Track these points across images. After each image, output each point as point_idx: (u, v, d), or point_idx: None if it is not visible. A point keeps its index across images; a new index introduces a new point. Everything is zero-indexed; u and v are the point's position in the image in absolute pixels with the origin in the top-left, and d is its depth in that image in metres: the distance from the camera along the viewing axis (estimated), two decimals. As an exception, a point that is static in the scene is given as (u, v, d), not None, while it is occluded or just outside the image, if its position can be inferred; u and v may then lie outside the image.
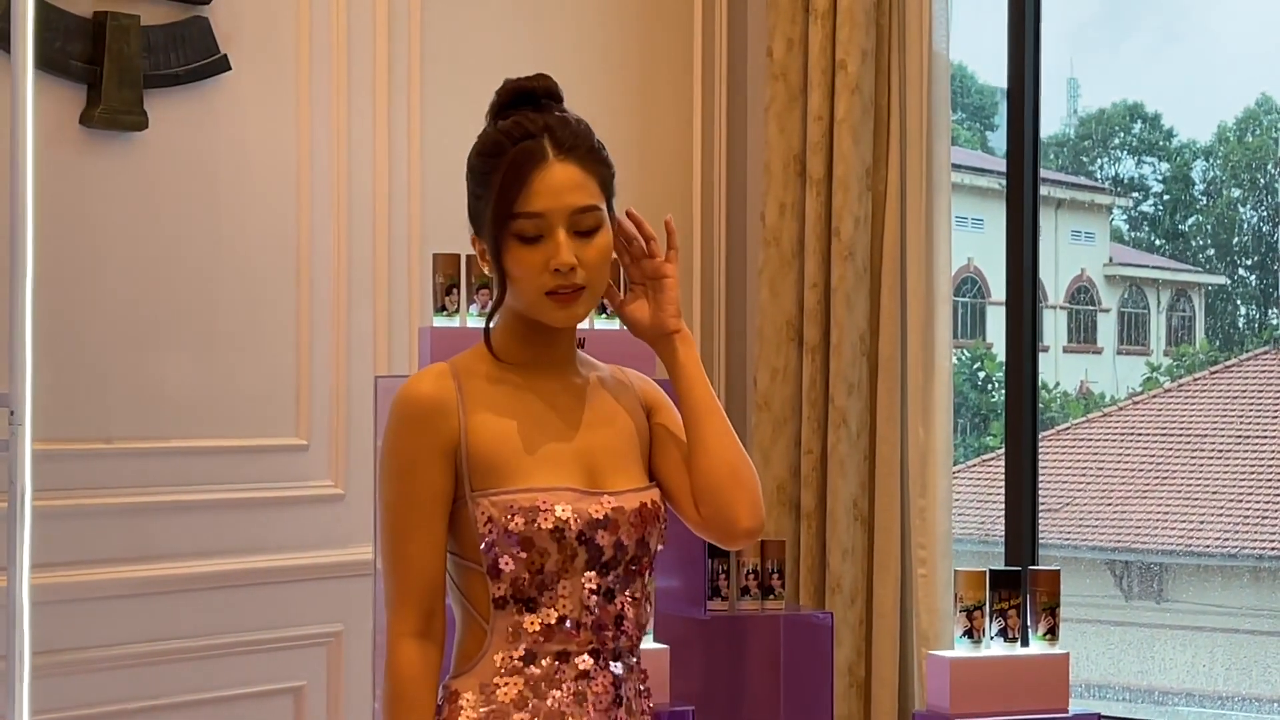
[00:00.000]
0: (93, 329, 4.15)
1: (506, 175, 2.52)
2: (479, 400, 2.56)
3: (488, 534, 2.52)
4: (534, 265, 2.53)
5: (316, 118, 4.58)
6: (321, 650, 4.57)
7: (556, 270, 2.52)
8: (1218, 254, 6.71)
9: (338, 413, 4.62)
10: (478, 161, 2.58)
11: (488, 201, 2.54)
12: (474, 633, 2.57)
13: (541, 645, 2.53)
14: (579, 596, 2.54)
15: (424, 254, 4.66)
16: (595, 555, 2.55)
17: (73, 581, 4.04)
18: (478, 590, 2.56)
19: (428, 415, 2.54)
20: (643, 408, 2.72)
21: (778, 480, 5.46)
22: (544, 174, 2.53)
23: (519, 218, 2.52)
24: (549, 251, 2.52)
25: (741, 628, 4.88)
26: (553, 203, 2.53)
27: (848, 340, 5.35)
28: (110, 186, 4.17)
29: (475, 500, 2.53)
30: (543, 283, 2.53)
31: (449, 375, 2.57)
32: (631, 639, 2.61)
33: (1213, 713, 6.12)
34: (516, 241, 2.53)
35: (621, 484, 2.61)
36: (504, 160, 2.53)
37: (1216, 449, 6.62)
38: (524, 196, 2.52)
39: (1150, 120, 6.81)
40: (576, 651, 2.54)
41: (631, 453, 2.65)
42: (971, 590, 4.44)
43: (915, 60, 5.38)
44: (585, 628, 2.55)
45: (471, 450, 2.54)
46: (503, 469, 2.54)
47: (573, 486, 2.55)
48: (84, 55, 4.08)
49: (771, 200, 5.51)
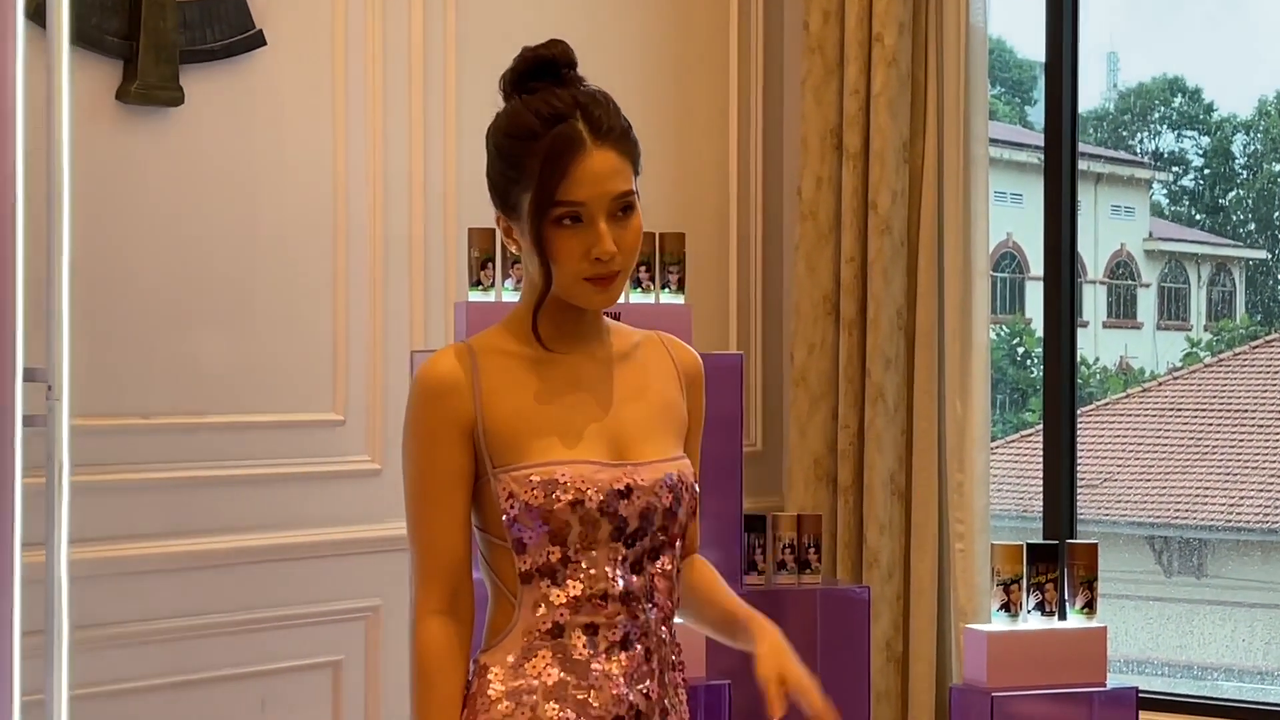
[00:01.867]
0: (129, 304, 4.16)
1: (546, 163, 2.48)
2: (497, 377, 2.56)
3: (509, 509, 2.52)
4: (573, 252, 2.50)
5: (352, 92, 4.58)
6: (359, 625, 4.58)
7: (597, 259, 2.51)
8: (1258, 228, 6.67)
9: (374, 388, 4.63)
10: (507, 143, 2.54)
11: (522, 186, 2.52)
12: (503, 607, 2.57)
13: (569, 618, 2.53)
14: (605, 569, 2.53)
15: (460, 229, 4.66)
16: (620, 527, 2.54)
17: (110, 557, 4.06)
18: (505, 566, 2.56)
19: (442, 395, 2.54)
20: (680, 378, 2.71)
21: (814, 455, 5.45)
22: (583, 162, 2.49)
23: (559, 205, 2.50)
24: (589, 239, 2.50)
25: (778, 602, 4.87)
26: (593, 190, 2.50)
27: (885, 315, 5.34)
28: (146, 162, 4.18)
29: (496, 477, 2.53)
30: (581, 269, 2.51)
31: (466, 354, 2.57)
32: (663, 610, 2.59)
33: (1252, 687, 6.10)
34: (554, 227, 2.51)
35: (647, 454, 2.59)
36: (540, 146, 2.49)
37: (1257, 424, 6.59)
38: (565, 185, 2.48)
39: (1190, 94, 6.77)
40: (605, 624, 2.53)
41: (661, 423, 2.64)
42: (1009, 564, 4.44)
43: (953, 33, 5.35)
44: (614, 599, 2.53)
45: (488, 428, 2.53)
46: (522, 444, 2.53)
47: (593, 459, 2.54)
48: (120, 31, 4.08)
49: (808, 174, 5.50)
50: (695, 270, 4.86)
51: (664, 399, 2.66)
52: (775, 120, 5.76)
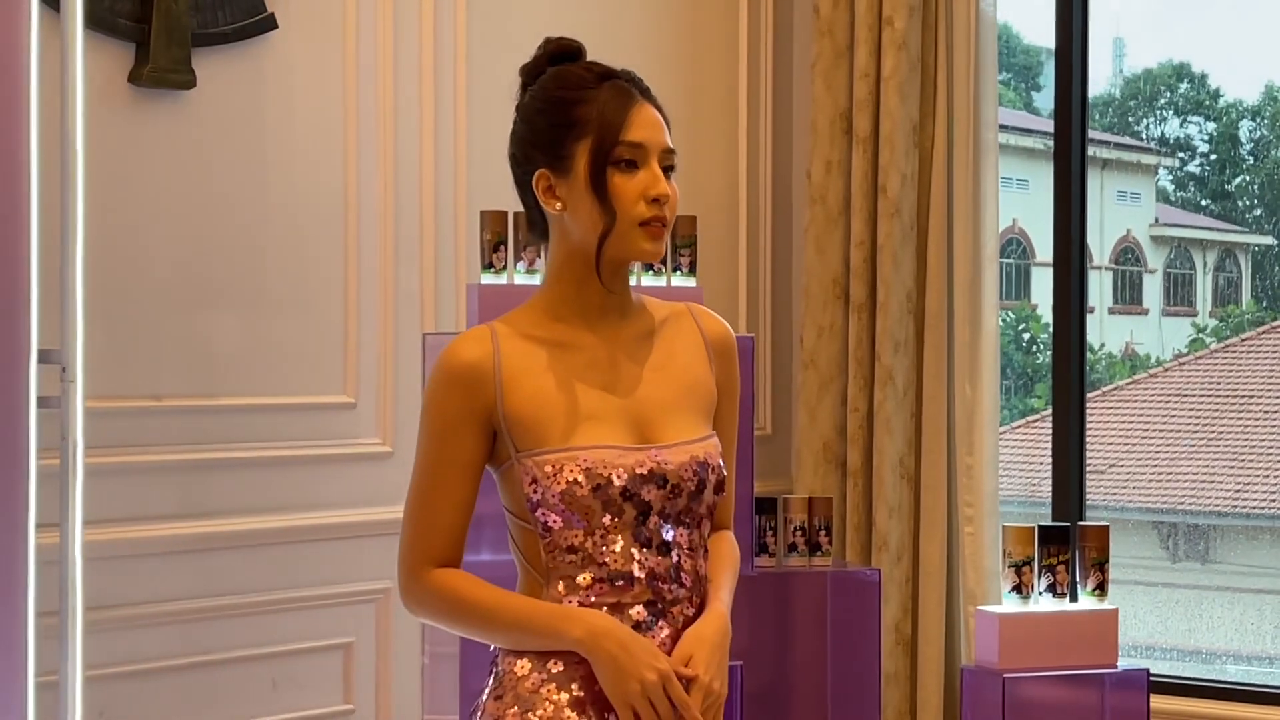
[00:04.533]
0: (142, 287, 4.16)
1: (608, 105, 2.56)
2: (520, 362, 2.58)
3: (533, 494, 2.54)
4: (631, 194, 2.55)
5: (363, 74, 4.59)
6: (370, 607, 4.59)
7: (655, 200, 2.55)
8: (1265, 214, 6.68)
9: (385, 370, 4.63)
10: (559, 93, 2.59)
11: (576, 133, 2.56)
12: (531, 589, 2.60)
13: (595, 600, 2.54)
14: (630, 550, 2.55)
15: (471, 211, 4.66)
16: (644, 509, 2.55)
17: (123, 538, 4.06)
18: (532, 547, 2.58)
19: (463, 383, 2.57)
20: (710, 353, 2.72)
21: (824, 438, 5.46)
22: (640, 109, 2.58)
23: (622, 145, 2.55)
24: (646, 181, 2.56)
25: (789, 584, 4.88)
26: (650, 135, 2.58)
27: (894, 298, 5.35)
28: (159, 145, 4.18)
29: (520, 461, 2.56)
30: (639, 212, 2.56)
31: (489, 339, 2.59)
32: (690, 590, 2.60)
33: (1260, 671, 6.11)
34: (612, 169, 2.55)
35: (672, 436, 2.60)
36: (598, 94, 2.57)
37: (1263, 409, 6.60)
38: (626, 125, 2.56)
39: (1197, 80, 6.78)
40: (631, 604, 2.55)
41: (688, 402, 2.65)
42: (1020, 546, 4.44)
43: (962, 18, 5.36)
44: (640, 581, 2.55)
45: (510, 414, 2.56)
46: (545, 429, 2.55)
47: (616, 443, 2.56)
48: (132, 14, 4.08)
49: (818, 158, 5.50)
50: (706, 253, 4.87)
51: (691, 376, 2.67)
52: (785, 104, 5.76)
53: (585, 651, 2.51)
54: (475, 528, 2.66)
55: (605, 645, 2.50)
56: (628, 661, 2.49)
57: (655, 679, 2.48)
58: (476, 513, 2.63)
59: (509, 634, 2.57)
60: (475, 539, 2.97)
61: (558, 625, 2.52)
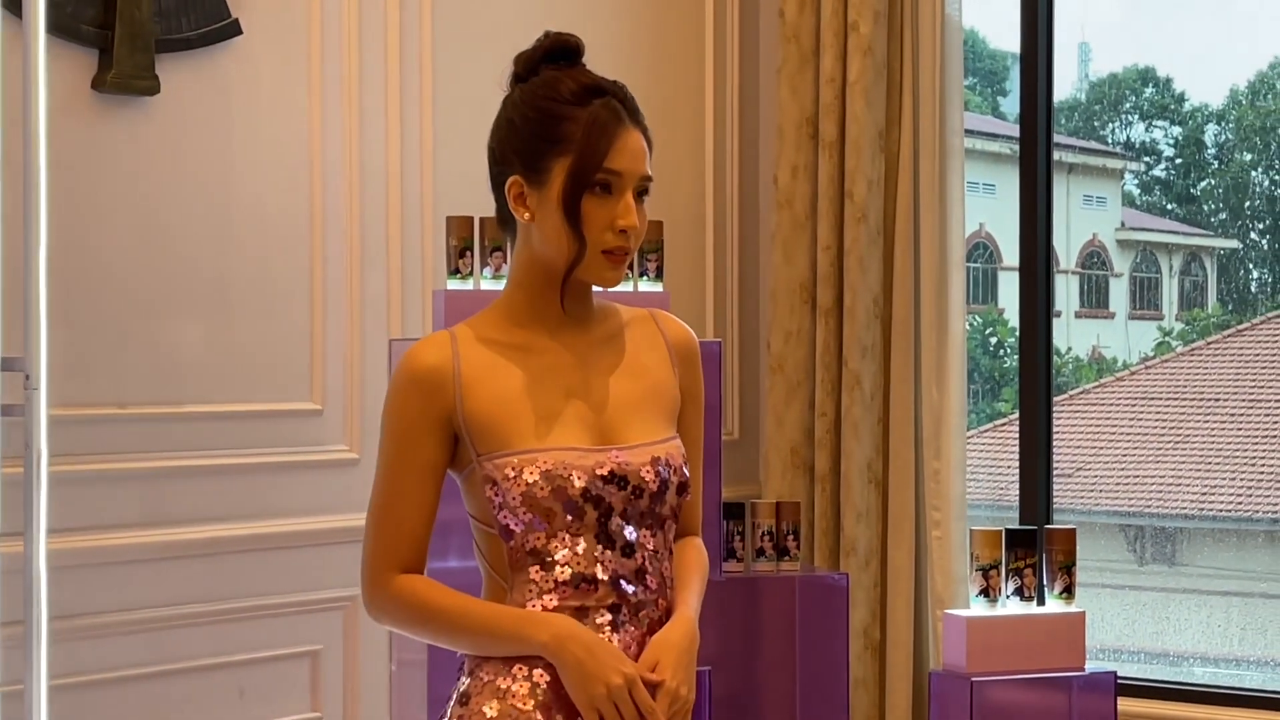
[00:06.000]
0: (106, 294, 4.14)
1: (593, 129, 2.54)
2: (480, 366, 2.58)
3: (494, 497, 2.54)
4: (601, 221, 2.55)
5: (328, 80, 4.57)
6: (338, 615, 4.57)
7: (622, 231, 2.55)
8: (1229, 218, 6.70)
9: (352, 377, 4.62)
10: (546, 104, 2.57)
11: (558, 150, 2.55)
12: (495, 594, 2.60)
13: (559, 603, 2.54)
14: (593, 553, 2.54)
15: (437, 217, 4.65)
16: (606, 511, 2.55)
17: (88, 546, 4.04)
18: (495, 551, 2.58)
19: (422, 387, 2.57)
20: (673, 358, 2.71)
21: (791, 443, 5.46)
22: (625, 136, 2.57)
23: (602, 172, 2.54)
24: (615, 211, 2.55)
25: (757, 589, 4.88)
26: (630, 164, 2.57)
27: (861, 303, 5.35)
28: (122, 151, 4.17)
29: (480, 464, 2.55)
30: (604, 239, 2.55)
31: (448, 343, 2.59)
32: (656, 593, 2.60)
33: (1227, 673, 6.13)
34: (587, 193, 2.54)
35: (634, 437, 2.60)
36: (585, 113, 2.55)
37: (1229, 413, 6.62)
38: (611, 153, 2.55)
39: (1162, 84, 6.80)
40: (595, 607, 2.54)
41: (650, 404, 2.65)
42: (987, 549, 4.44)
43: (928, 23, 5.36)
44: (604, 584, 2.54)
45: (469, 417, 2.55)
46: (505, 432, 2.55)
47: (576, 445, 2.56)
48: (95, 20, 4.07)
49: (784, 163, 5.50)
50: (672, 258, 4.87)
51: (653, 379, 2.67)
52: (751, 109, 5.76)
53: (550, 656, 2.50)
54: (442, 535, 2.66)
55: (571, 649, 2.49)
56: (593, 665, 2.48)
57: (621, 683, 2.48)
58: (443, 519, 2.62)
59: (473, 640, 2.56)
60: (442, 547, 2.97)
61: (523, 630, 2.51)
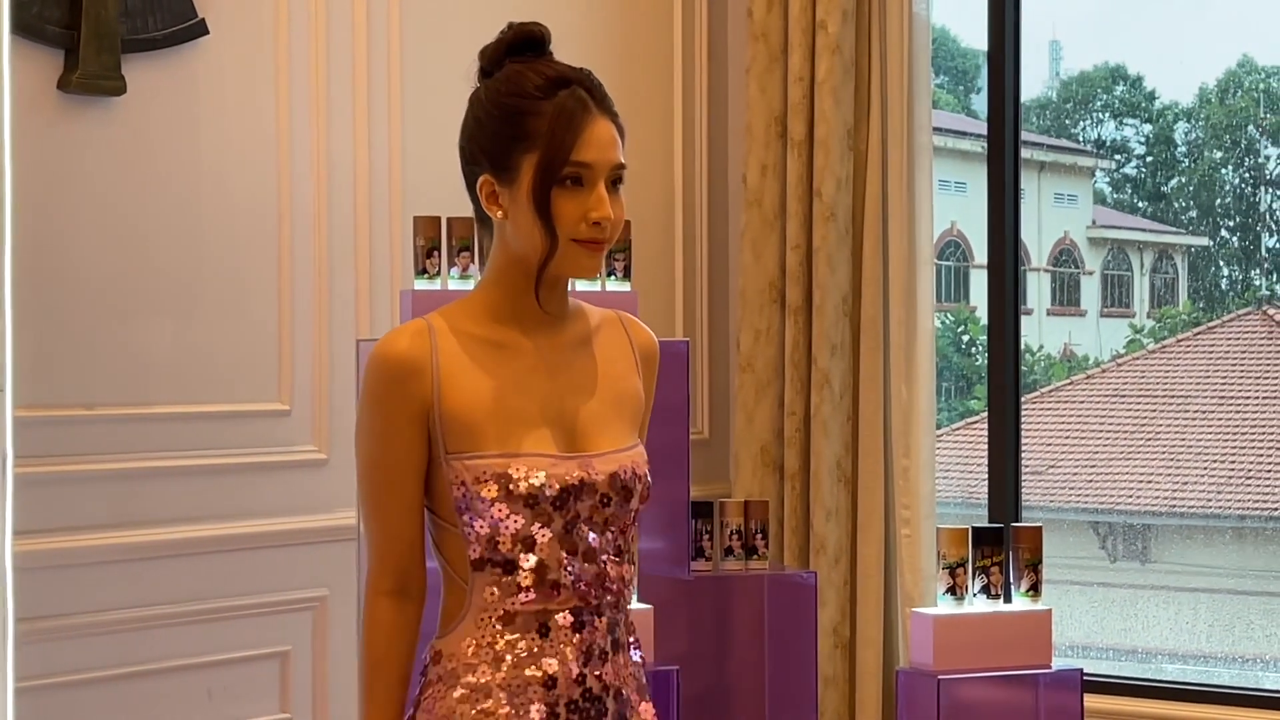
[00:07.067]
0: (72, 295, 4.13)
1: (558, 122, 2.50)
2: (457, 360, 2.54)
3: (461, 497, 2.52)
4: (572, 214, 2.51)
5: (296, 80, 4.57)
6: (307, 615, 4.57)
7: (596, 223, 2.52)
8: (1200, 215, 6.71)
9: (320, 377, 4.61)
10: (511, 101, 2.53)
11: (524, 145, 2.52)
12: (455, 594, 2.57)
13: (521, 606, 2.52)
14: (558, 558, 2.53)
15: (404, 217, 4.65)
16: (572, 518, 2.54)
17: (55, 548, 4.03)
18: (457, 552, 2.55)
19: (400, 377, 2.53)
20: (638, 364, 2.71)
21: (761, 442, 5.47)
22: (592, 126, 2.53)
23: (570, 165, 2.51)
24: (588, 203, 2.52)
25: (725, 588, 4.88)
26: (599, 155, 2.53)
27: (830, 301, 5.36)
28: (89, 152, 4.16)
29: (449, 463, 2.53)
30: (577, 231, 2.51)
31: (425, 334, 2.55)
32: (617, 595, 2.60)
33: (1196, 670, 6.14)
34: (557, 187, 2.51)
35: (603, 445, 2.59)
36: (549, 106, 2.51)
37: (1200, 410, 6.63)
38: (578, 145, 2.51)
39: (1132, 82, 6.81)
40: (557, 610, 2.53)
41: (618, 411, 2.64)
42: (954, 547, 4.45)
43: (895, 21, 5.37)
44: (565, 589, 2.53)
45: (445, 412, 2.52)
46: (477, 432, 2.52)
47: (547, 451, 2.54)
48: (61, 20, 4.05)
49: (753, 161, 5.51)
50: (641, 257, 4.87)
51: (622, 386, 2.67)
52: (720, 107, 5.77)
53: None
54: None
55: None
56: None
57: None
58: None
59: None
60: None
61: None
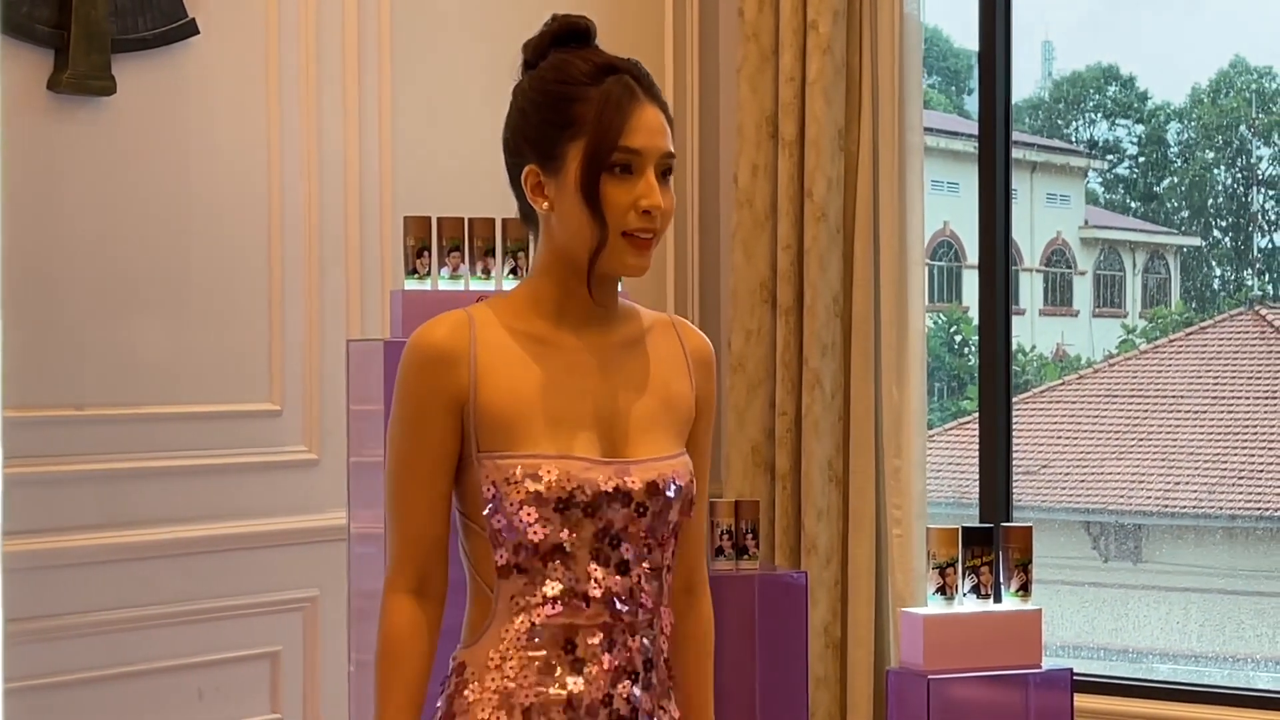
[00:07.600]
0: (63, 295, 4.13)
1: (606, 108, 2.41)
2: (497, 354, 2.45)
3: (490, 498, 2.42)
4: (621, 202, 2.42)
5: (286, 80, 4.57)
6: (297, 616, 4.57)
7: (645, 211, 2.42)
8: (1192, 216, 6.72)
9: (311, 378, 4.61)
10: (557, 89, 2.45)
11: (571, 133, 2.43)
12: (481, 602, 2.47)
13: (547, 619, 2.42)
14: (587, 568, 2.42)
15: (395, 217, 4.65)
16: (606, 526, 2.43)
17: (46, 549, 4.03)
18: (483, 556, 2.45)
19: (436, 364, 2.43)
20: (690, 368, 2.60)
21: (752, 442, 5.47)
22: (641, 112, 2.44)
23: (619, 151, 2.41)
24: (638, 190, 2.42)
25: (716, 588, 4.80)
26: (649, 141, 2.43)
27: (821, 302, 5.36)
28: (79, 152, 4.16)
29: (480, 462, 2.43)
30: (627, 221, 2.42)
31: (466, 325, 2.45)
32: (649, 612, 2.47)
33: (1187, 669, 6.15)
34: (606, 175, 2.41)
35: (643, 452, 2.48)
36: (597, 92, 2.42)
37: (1192, 410, 6.64)
38: (626, 130, 2.42)
39: (1124, 82, 6.82)
40: (585, 625, 2.43)
41: (663, 418, 2.52)
42: (944, 547, 4.45)
43: (887, 22, 5.37)
44: (595, 601, 2.42)
45: (480, 408, 2.42)
46: (512, 431, 2.42)
47: (584, 455, 2.43)
48: (51, 20, 4.06)
49: (744, 161, 5.51)
50: (632, 258, 4.86)
51: (670, 391, 2.55)
52: (711, 108, 5.77)
53: None
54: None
55: None
56: None
57: None
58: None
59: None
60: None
61: None
